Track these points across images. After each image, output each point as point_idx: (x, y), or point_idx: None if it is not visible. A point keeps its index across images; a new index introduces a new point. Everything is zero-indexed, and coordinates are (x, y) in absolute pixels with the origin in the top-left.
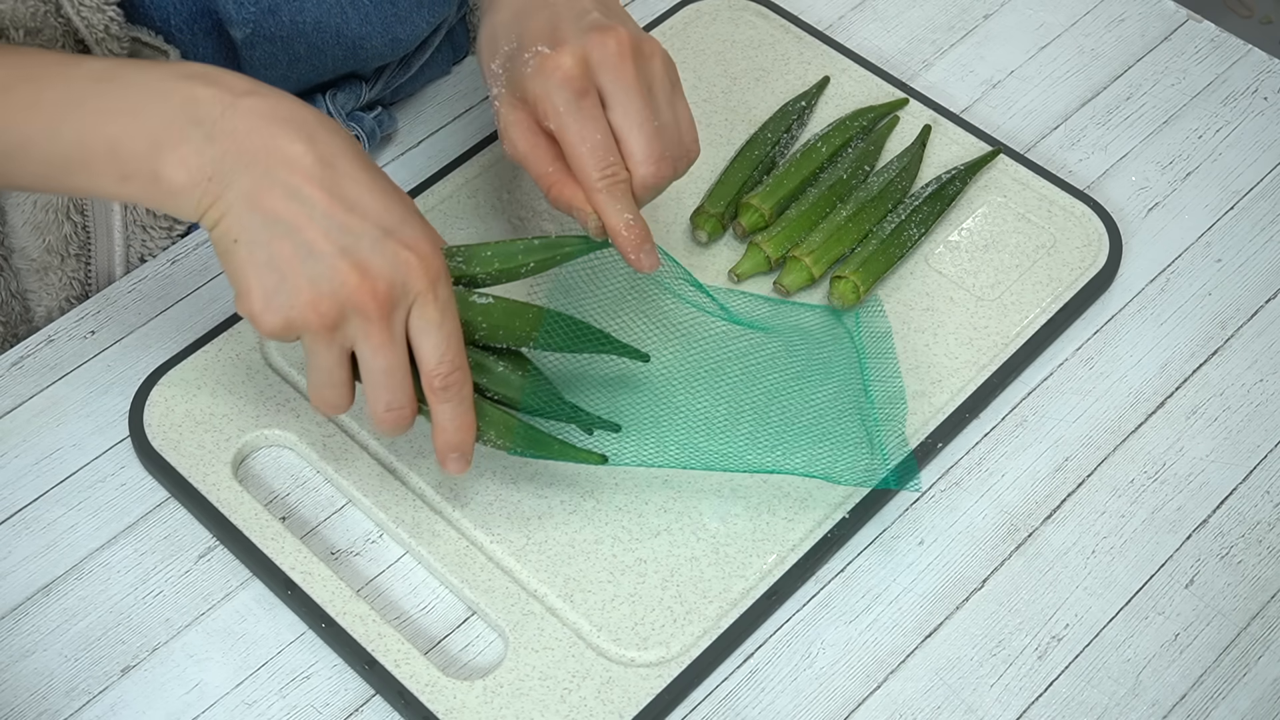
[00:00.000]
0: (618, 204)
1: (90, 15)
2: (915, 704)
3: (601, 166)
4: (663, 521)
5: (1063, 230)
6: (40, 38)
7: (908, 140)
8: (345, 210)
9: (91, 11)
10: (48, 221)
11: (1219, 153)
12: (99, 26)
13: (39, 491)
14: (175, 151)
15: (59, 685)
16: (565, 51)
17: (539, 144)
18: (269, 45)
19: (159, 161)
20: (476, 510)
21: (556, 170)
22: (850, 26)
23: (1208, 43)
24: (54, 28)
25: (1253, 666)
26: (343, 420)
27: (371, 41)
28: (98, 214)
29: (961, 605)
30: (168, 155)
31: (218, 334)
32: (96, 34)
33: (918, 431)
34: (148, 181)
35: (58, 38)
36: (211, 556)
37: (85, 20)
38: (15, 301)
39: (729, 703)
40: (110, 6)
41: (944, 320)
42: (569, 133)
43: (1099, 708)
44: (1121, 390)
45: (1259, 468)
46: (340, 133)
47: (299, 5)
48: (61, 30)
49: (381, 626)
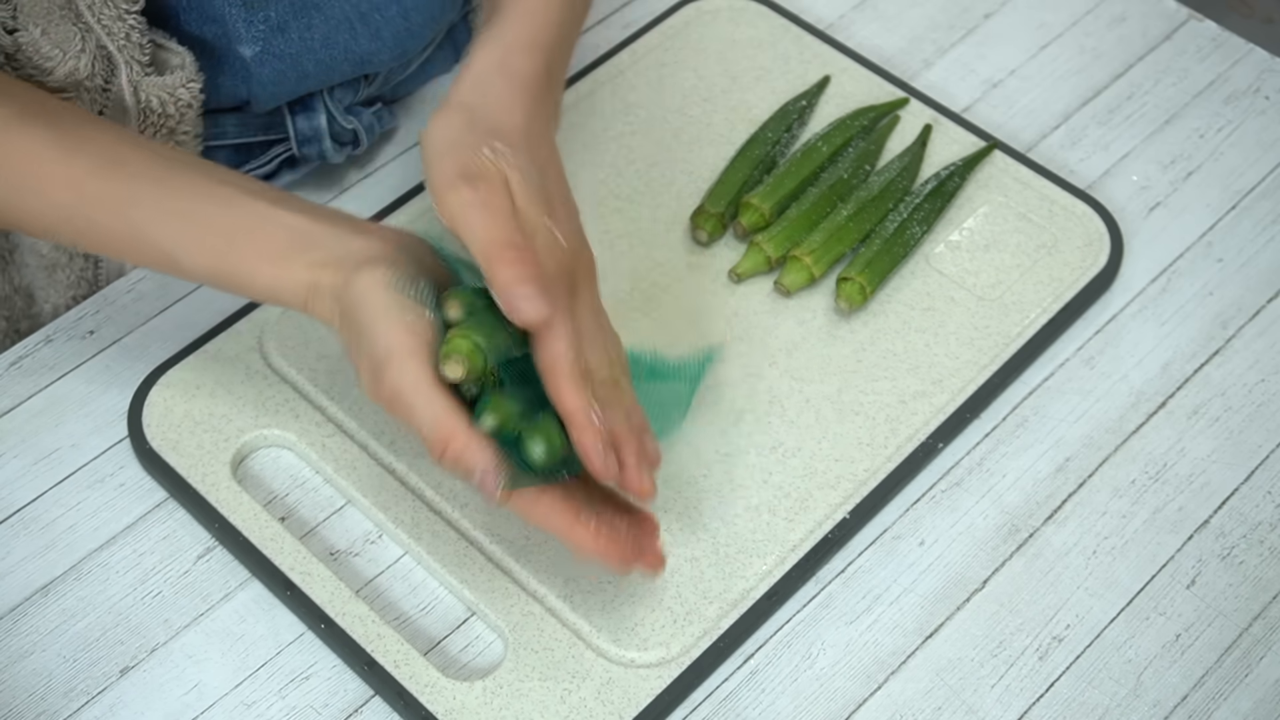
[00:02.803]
0: (583, 392)
1: (111, 24)
2: (916, 705)
3: (574, 351)
4: (663, 522)
5: (1064, 230)
6: (57, 41)
7: (908, 140)
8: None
9: (112, 20)
10: None
11: (1220, 152)
12: (119, 34)
13: (38, 491)
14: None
15: (57, 686)
16: (569, 253)
17: (513, 224)
18: (278, 63)
19: (303, 306)
20: (476, 510)
21: (519, 243)
22: (850, 26)
23: (1209, 42)
24: (73, 32)
25: (1254, 667)
26: (342, 420)
27: (380, 56)
28: None
29: (962, 606)
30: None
31: (217, 334)
32: (118, 41)
33: (918, 431)
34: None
35: (76, 41)
36: (210, 557)
37: (106, 28)
38: (18, 297)
39: (729, 704)
40: (131, 15)
41: (945, 320)
42: (557, 309)
43: (1100, 708)
44: (1123, 390)
45: (1260, 468)
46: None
47: (308, 22)
48: (80, 35)
49: (381, 627)
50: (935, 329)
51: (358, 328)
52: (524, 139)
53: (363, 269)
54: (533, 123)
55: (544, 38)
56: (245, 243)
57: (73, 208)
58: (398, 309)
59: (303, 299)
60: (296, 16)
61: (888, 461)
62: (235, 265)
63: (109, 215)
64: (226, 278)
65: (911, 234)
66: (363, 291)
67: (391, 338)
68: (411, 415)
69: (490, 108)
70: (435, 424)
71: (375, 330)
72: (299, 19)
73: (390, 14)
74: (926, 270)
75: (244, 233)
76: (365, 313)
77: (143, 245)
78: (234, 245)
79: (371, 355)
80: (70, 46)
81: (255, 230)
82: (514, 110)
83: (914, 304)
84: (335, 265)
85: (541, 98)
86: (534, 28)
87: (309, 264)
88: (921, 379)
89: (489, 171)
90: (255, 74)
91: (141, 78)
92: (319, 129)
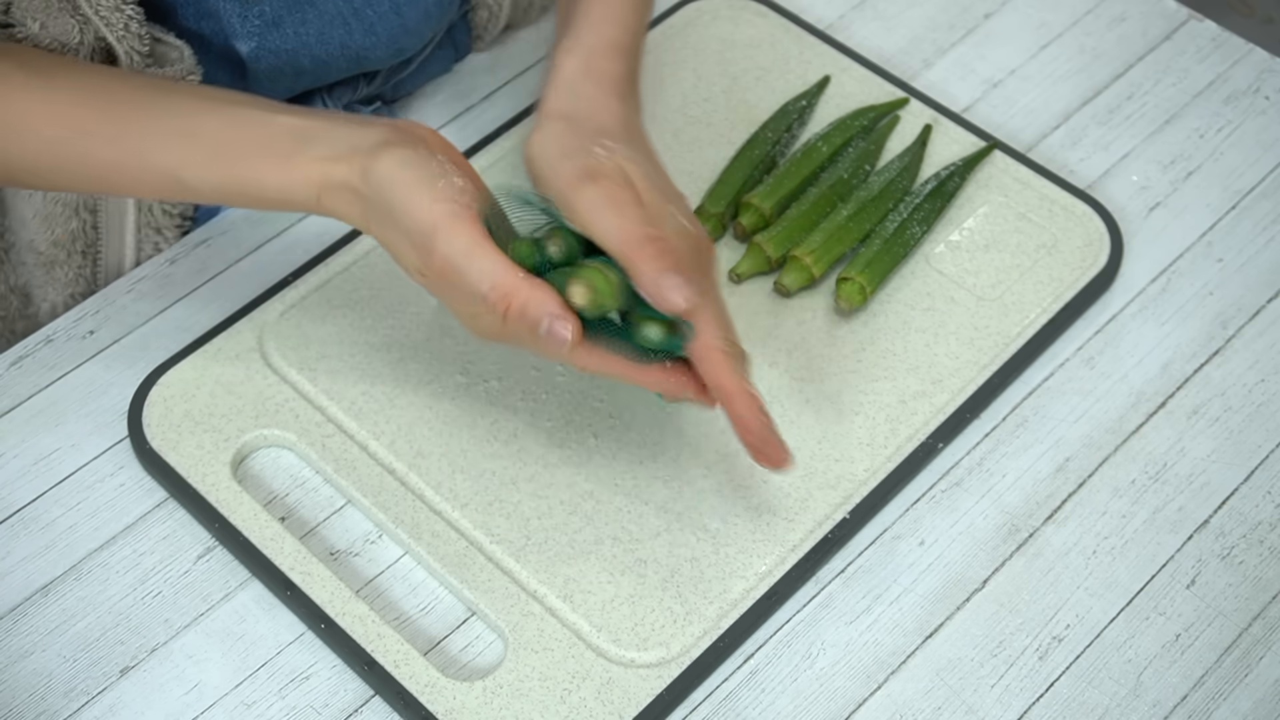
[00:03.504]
0: (741, 369)
1: (109, 14)
2: (916, 705)
3: (728, 330)
4: (663, 521)
5: (1064, 230)
6: (57, 35)
7: (908, 140)
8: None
9: (110, 10)
10: (57, 214)
11: (1220, 152)
12: (118, 25)
13: (37, 492)
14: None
15: (58, 686)
16: (696, 237)
17: (643, 216)
18: (273, 59)
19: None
20: (476, 510)
21: (659, 236)
22: (850, 26)
23: (1209, 42)
24: (71, 25)
25: (1254, 667)
26: (342, 420)
27: (376, 53)
28: (110, 212)
29: (962, 606)
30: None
31: (217, 334)
32: (117, 31)
33: (918, 431)
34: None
35: (74, 33)
36: (210, 557)
37: (104, 19)
38: (14, 296)
39: (729, 703)
40: (129, 5)
41: (945, 320)
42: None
43: (1100, 708)
44: (1122, 390)
45: (1260, 468)
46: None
47: (302, 18)
48: (79, 28)
49: (381, 627)
50: (935, 329)
51: (390, 210)
52: (627, 134)
53: (380, 153)
54: (630, 119)
55: (624, 40)
56: (250, 150)
57: (65, 142)
58: (428, 180)
59: (315, 196)
60: (291, 12)
61: (888, 461)
62: (243, 174)
63: (104, 145)
64: (236, 190)
65: (911, 234)
66: (387, 172)
67: (434, 208)
68: (467, 278)
69: (587, 111)
70: (496, 281)
71: (412, 205)
72: (293, 14)
73: (383, 9)
74: (926, 270)
75: (247, 141)
76: (397, 192)
77: (145, 170)
78: (239, 154)
79: (413, 232)
80: (69, 39)
81: (258, 136)
82: (611, 110)
83: (914, 304)
84: (346, 157)
85: (629, 96)
86: (613, 32)
87: (317, 159)
88: (921, 379)
89: (608, 168)
90: (251, 70)
91: (141, 70)
92: None
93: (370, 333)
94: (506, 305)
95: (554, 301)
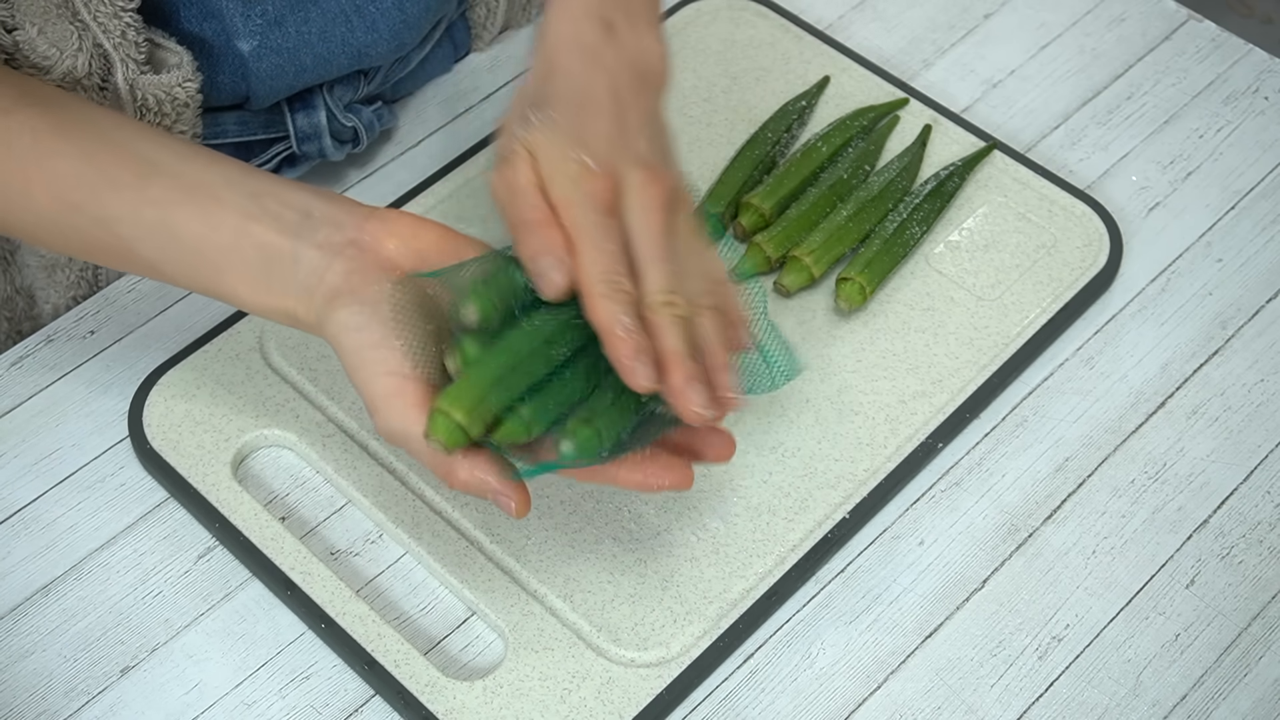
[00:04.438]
0: (616, 306)
1: (107, 21)
2: (915, 704)
3: (606, 272)
4: (663, 521)
5: (1063, 230)
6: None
7: (908, 140)
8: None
9: (108, 18)
10: None
11: (1220, 152)
12: (115, 32)
13: (38, 491)
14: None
15: (58, 685)
16: (605, 177)
17: (534, 198)
18: (275, 57)
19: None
20: (476, 510)
21: (539, 217)
22: (850, 26)
23: (1208, 42)
24: (69, 30)
25: (1254, 667)
26: (343, 420)
27: (378, 49)
28: None
29: (962, 605)
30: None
31: (217, 334)
32: (114, 39)
33: (918, 431)
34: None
35: (73, 39)
36: (211, 557)
37: (102, 26)
38: (20, 298)
39: (729, 703)
40: (127, 13)
41: (944, 320)
42: (583, 235)
43: (1099, 708)
44: (1122, 390)
45: (1260, 468)
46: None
47: (304, 16)
48: (78, 34)
49: (381, 627)
50: (935, 329)
51: (345, 356)
52: (564, 82)
53: (331, 310)
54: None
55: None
56: (224, 264)
57: (60, 217)
58: (370, 352)
59: (291, 323)
60: (293, 10)
61: (887, 461)
62: (219, 288)
63: (95, 226)
64: (216, 296)
65: (911, 234)
66: (334, 337)
67: (372, 387)
68: (410, 452)
69: (534, 75)
70: (434, 463)
71: (355, 380)
72: (296, 13)
73: (386, 6)
74: (926, 270)
75: (221, 253)
76: (342, 359)
77: (130, 259)
78: (216, 269)
79: (362, 398)
80: (67, 45)
81: (231, 251)
82: (557, 59)
83: (914, 304)
84: (307, 298)
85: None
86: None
87: (284, 293)
88: (921, 379)
89: (511, 152)
90: (253, 69)
91: (138, 76)
92: (319, 126)
93: None
94: (451, 483)
95: (493, 473)
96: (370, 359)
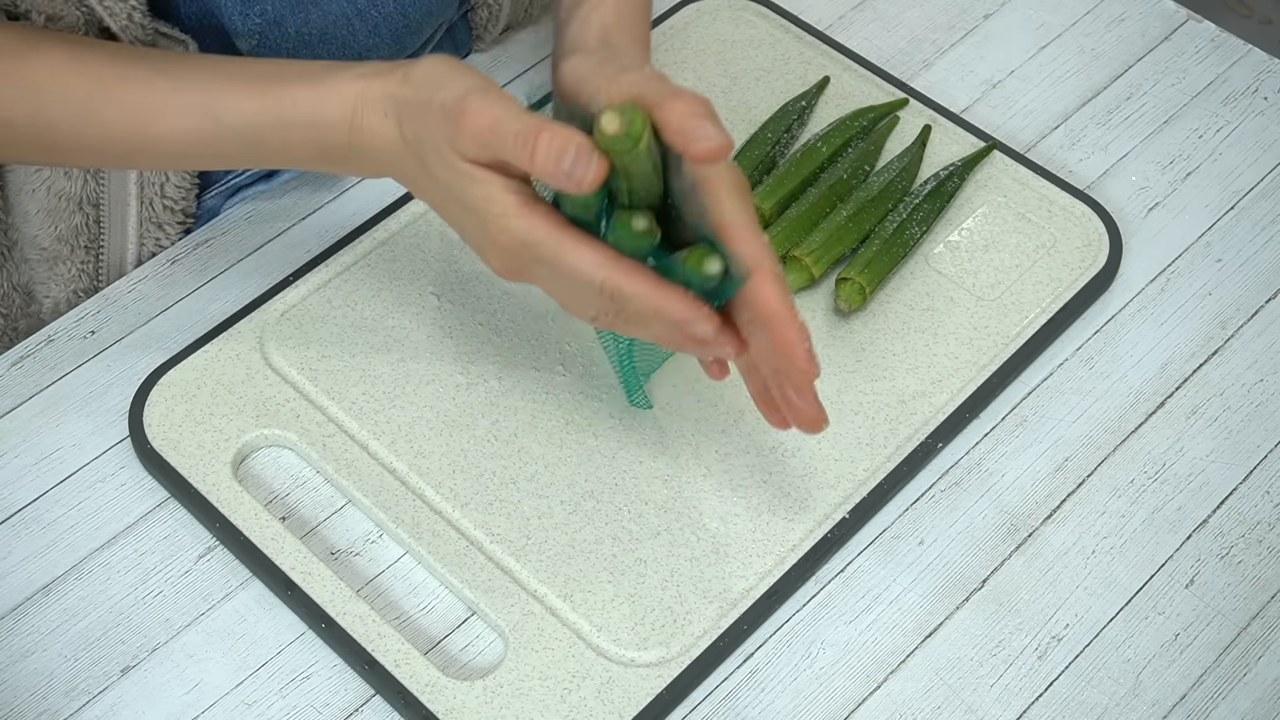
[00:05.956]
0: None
1: (112, 4)
2: (915, 704)
3: (769, 246)
4: (663, 521)
5: (1063, 230)
6: (61, 24)
7: (908, 140)
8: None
9: (114, 1)
10: (60, 209)
11: (1219, 153)
12: (121, 15)
13: (39, 491)
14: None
15: (59, 685)
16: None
17: None
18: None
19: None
20: (476, 510)
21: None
22: (850, 26)
23: (1208, 42)
24: (75, 16)
25: (1253, 666)
26: (343, 420)
27: (378, 52)
28: (113, 208)
29: (961, 605)
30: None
31: (218, 334)
32: (120, 22)
33: (918, 431)
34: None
35: (79, 26)
36: (211, 557)
37: (108, 9)
38: (17, 294)
39: (729, 703)
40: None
41: (944, 320)
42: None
43: (1099, 708)
44: (1121, 390)
45: (1259, 468)
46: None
47: (304, 17)
48: (84, 20)
49: (381, 626)
50: (935, 329)
51: (429, 89)
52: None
53: (422, 61)
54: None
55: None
56: (285, 76)
57: (92, 94)
58: (465, 67)
59: (349, 114)
60: (293, 11)
61: (887, 461)
62: (277, 98)
63: (138, 87)
64: (270, 118)
65: (911, 234)
66: (430, 66)
67: (472, 78)
68: (499, 131)
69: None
70: (525, 125)
71: (453, 79)
72: (296, 14)
73: (388, 9)
74: (926, 270)
75: (282, 70)
76: (436, 73)
77: (176, 108)
78: (274, 80)
79: (450, 101)
80: (74, 28)
81: (294, 67)
82: (639, 57)
83: (913, 304)
84: (386, 71)
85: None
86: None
87: (354, 76)
88: (921, 379)
89: (647, 71)
90: None
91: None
92: None
93: (371, 333)
94: (533, 147)
95: (576, 137)
96: (469, 69)
